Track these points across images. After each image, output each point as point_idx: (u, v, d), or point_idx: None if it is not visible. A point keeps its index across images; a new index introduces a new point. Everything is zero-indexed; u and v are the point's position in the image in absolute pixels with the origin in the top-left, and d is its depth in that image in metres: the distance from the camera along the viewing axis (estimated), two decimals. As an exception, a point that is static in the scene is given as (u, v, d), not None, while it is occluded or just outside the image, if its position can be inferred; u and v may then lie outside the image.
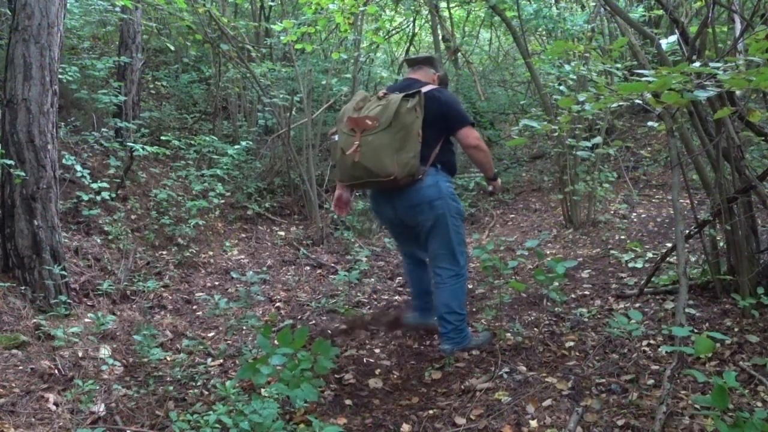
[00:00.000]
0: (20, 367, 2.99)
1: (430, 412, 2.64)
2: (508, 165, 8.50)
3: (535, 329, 3.37)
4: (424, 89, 2.95)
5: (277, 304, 4.39)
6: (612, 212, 5.96)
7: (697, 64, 2.12)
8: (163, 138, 6.15)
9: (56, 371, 3.04)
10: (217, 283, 4.89)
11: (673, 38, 3.06)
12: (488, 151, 3.14)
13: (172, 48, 7.67)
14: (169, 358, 3.33)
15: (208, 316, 4.06)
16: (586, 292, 3.88)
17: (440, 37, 7.75)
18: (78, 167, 4.82)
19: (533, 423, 2.44)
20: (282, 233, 6.28)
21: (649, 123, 3.39)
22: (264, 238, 6.12)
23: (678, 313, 2.61)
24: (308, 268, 5.31)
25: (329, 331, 3.66)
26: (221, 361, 3.31)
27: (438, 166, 3.00)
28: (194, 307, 4.36)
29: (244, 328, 3.76)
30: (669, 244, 4.44)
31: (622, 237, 5.14)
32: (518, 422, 2.45)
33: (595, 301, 3.69)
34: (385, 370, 3.14)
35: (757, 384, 2.50)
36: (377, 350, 3.40)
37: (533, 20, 6.42)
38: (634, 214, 5.86)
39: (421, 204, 2.95)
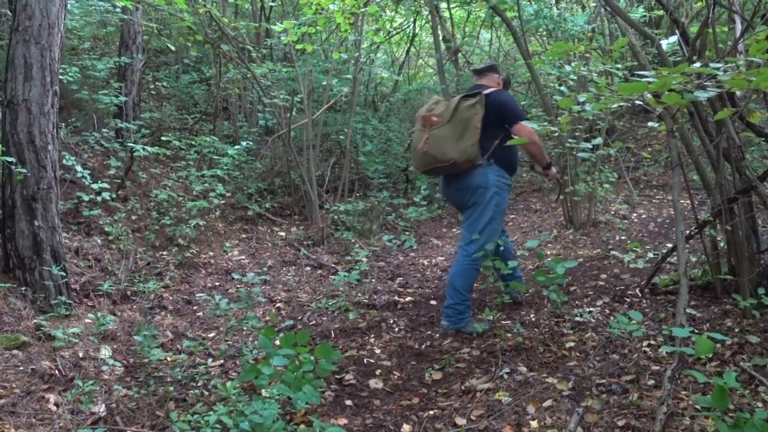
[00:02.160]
0: (21, 368, 3.00)
1: (431, 412, 2.64)
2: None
3: (536, 330, 3.37)
4: (486, 91, 3.44)
5: (278, 304, 4.39)
6: (612, 213, 5.96)
7: (697, 64, 2.12)
8: (163, 138, 6.15)
9: (57, 372, 3.04)
10: (217, 283, 4.90)
11: (673, 39, 3.06)
12: (540, 143, 3.56)
13: (173, 48, 7.67)
14: (169, 359, 3.33)
15: (208, 316, 4.06)
16: (588, 293, 3.87)
17: (441, 38, 7.75)
18: (78, 168, 4.83)
19: (534, 423, 2.43)
20: (282, 234, 6.29)
21: (650, 123, 3.39)
22: (264, 239, 6.12)
23: (678, 314, 2.61)
24: (309, 268, 5.31)
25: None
26: (222, 361, 3.32)
27: (491, 161, 3.43)
28: (195, 307, 4.36)
29: (245, 328, 3.76)
30: (669, 245, 4.44)
31: (623, 237, 5.14)
32: (519, 423, 2.45)
33: (595, 302, 3.69)
34: (385, 370, 3.14)
35: (758, 384, 2.50)
36: (378, 351, 3.40)
37: (534, 21, 6.42)
38: (635, 214, 5.86)
39: (468, 188, 3.44)
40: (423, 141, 3.44)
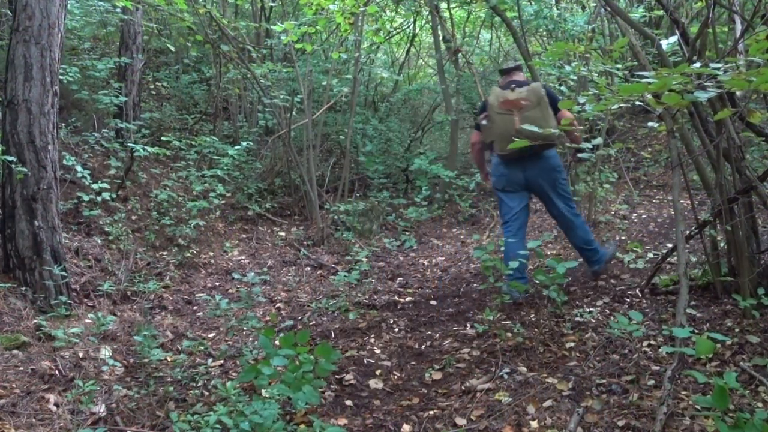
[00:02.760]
0: (21, 368, 3.00)
1: (431, 412, 2.64)
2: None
3: (536, 329, 3.36)
4: (542, 83, 3.93)
5: (278, 304, 4.39)
6: (613, 213, 5.96)
7: (697, 64, 2.12)
8: (163, 138, 6.16)
9: (57, 372, 3.04)
10: (217, 283, 4.90)
11: (673, 39, 3.06)
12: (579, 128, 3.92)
13: (173, 49, 7.67)
14: (169, 359, 3.33)
15: (208, 316, 4.06)
16: (588, 293, 3.88)
17: (441, 38, 7.75)
18: (78, 168, 4.83)
19: (534, 423, 2.43)
20: (282, 234, 6.29)
21: (650, 124, 3.39)
22: (264, 239, 6.12)
23: (678, 314, 2.61)
24: (309, 268, 5.31)
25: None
26: (222, 361, 3.32)
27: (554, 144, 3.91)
28: (195, 307, 4.36)
29: (245, 328, 3.76)
30: (669, 245, 4.44)
31: (623, 237, 5.14)
32: (519, 423, 2.45)
33: (595, 302, 3.69)
34: (385, 370, 3.14)
35: (758, 384, 2.50)
36: (378, 351, 3.40)
37: (534, 21, 6.42)
38: (635, 214, 5.86)
39: (553, 168, 3.92)
40: (517, 123, 3.77)
